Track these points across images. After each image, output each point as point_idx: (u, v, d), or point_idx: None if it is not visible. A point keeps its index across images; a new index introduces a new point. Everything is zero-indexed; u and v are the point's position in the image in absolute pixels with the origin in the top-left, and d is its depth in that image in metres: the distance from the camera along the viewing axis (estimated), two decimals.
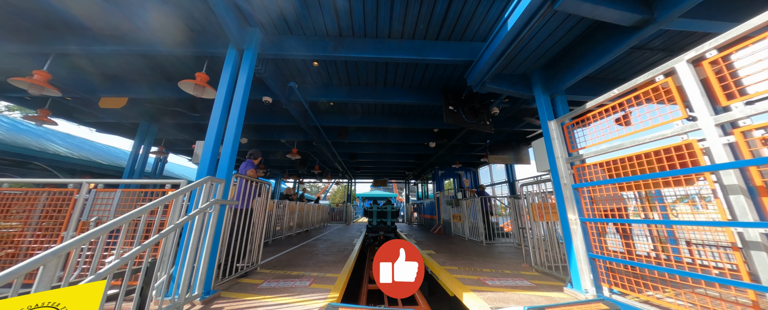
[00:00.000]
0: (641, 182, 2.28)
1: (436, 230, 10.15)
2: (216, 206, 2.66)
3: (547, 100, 3.49)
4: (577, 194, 2.84)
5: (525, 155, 8.04)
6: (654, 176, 2.11)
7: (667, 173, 2.04)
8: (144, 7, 3.20)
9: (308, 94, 5.08)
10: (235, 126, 3.08)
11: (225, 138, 3.04)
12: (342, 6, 3.23)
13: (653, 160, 2.21)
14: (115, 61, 4.41)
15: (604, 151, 2.61)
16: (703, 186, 2.03)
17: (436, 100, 5.18)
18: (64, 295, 0.93)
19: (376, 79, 4.91)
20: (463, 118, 4.45)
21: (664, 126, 2.16)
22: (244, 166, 3.69)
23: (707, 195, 2.13)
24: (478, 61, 3.56)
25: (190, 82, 3.65)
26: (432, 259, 4.73)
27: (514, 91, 3.68)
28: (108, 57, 4.29)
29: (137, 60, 4.30)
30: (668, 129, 2.11)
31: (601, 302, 1.84)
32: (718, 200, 1.83)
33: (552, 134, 3.26)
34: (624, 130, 2.44)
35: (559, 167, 3.13)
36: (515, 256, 5.06)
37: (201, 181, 2.47)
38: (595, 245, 2.67)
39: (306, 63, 4.11)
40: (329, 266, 4.01)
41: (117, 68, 4.66)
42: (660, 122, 2.19)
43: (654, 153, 2.19)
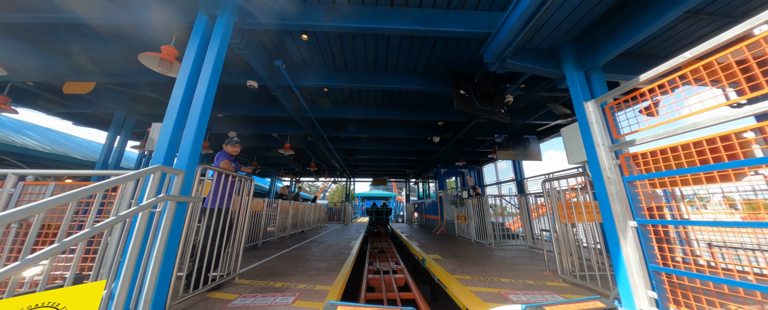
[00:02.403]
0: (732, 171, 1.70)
1: (439, 231, 9.58)
2: (171, 203, 2.08)
3: (582, 78, 2.91)
4: (631, 189, 2.26)
5: (535, 150, 7.46)
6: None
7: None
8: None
9: (298, 78, 4.49)
10: (202, 106, 2.49)
11: (188, 120, 2.45)
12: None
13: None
14: (74, 38, 3.81)
15: (672, 134, 2.02)
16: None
17: (444, 86, 4.60)
18: (64, 295, 0.92)
19: (375, 61, 4.32)
20: (475, 105, 3.87)
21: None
22: (218, 157, 3.10)
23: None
24: (498, 32, 2.98)
25: (155, 55, 3.06)
26: (439, 265, 4.15)
27: (540, 67, 3.10)
28: (61, 32, 3.69)
29: (94, 34, 3.69)
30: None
31: (599, 301, 1.43)
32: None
33: (590, 118, 2.68)
34: (703, 104, 1.86)
35: (601, 158, 2.55)
36: (531, 261, 4.48)
37: (145, 170, 1.88)
38: (659, 254, 2.09)
39: (294, 37, 3.52)
40: (321, 276, 3.43)
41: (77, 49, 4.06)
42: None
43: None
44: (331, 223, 14.78)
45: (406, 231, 10.59)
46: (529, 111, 5.95)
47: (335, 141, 8.73)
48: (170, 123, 2.41)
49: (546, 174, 8.51)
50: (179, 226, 2.24)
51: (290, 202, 8.25)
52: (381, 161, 12.23)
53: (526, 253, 5.35)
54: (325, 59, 4.28)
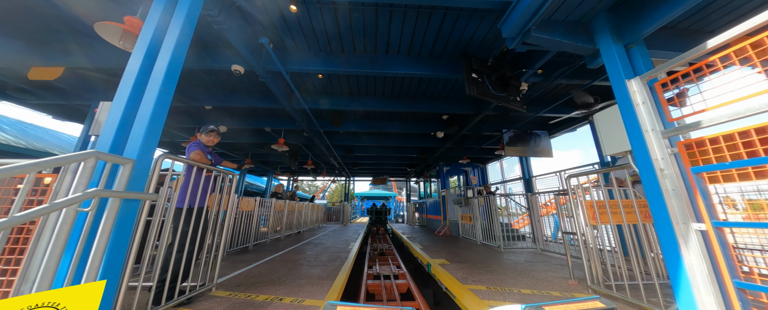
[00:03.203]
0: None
1: (442, 232, 9.12)
2: (115, 200, 1.62)
3: (621, 53, 2.45)
4: (701, 183, 1.80)
5: (545, 146, 6.99)
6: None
7: None
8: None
9: (290, 62, 4.02)
10: (163, 82, 2.02)
11: (144, 99, 1.99)
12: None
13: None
14: (32, 17, 3.35)
15: (756, 112, 1.56)
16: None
17: (451, 71, 4.14)
18: (64, 295, 0.91)
19: (376, 41, 3.84)
20: (489, 90, 3.40)
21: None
22: (189, 147, 2.63)
23: None
24: (519, 1, 2.52)
25: (116, 25, 2.59)
26: (446, 271, 3.69)
27: (569, 41, 2.64)
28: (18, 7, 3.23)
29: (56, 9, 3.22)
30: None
31: (598, 301, 1.30)
32: None
33: (634, 98, 2.22)
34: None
35: (651, 146, 2.09)
36: (548, 266, 4.03)
37: (70, 157, 1.42)
38: (740, 267, 1.63)
39: (280, 7, 3.05)
40: (312, 285, 2.96)
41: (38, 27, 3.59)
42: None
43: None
44: (330, 223, 14.32)
45: (408, 232, 10.13)
46: (542, 103, 5.48)
47: (333, 137, 8.27)
48: (122, 102, 1.95)
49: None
50: (127, 229, 1.77)
51: (285, 201, 7.79)
52: (381, 158, 11.76)
53: (538, 257, 4.89)
54: (319, 39, 3.80)
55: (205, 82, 5.15)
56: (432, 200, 12.58)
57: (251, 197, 5.86)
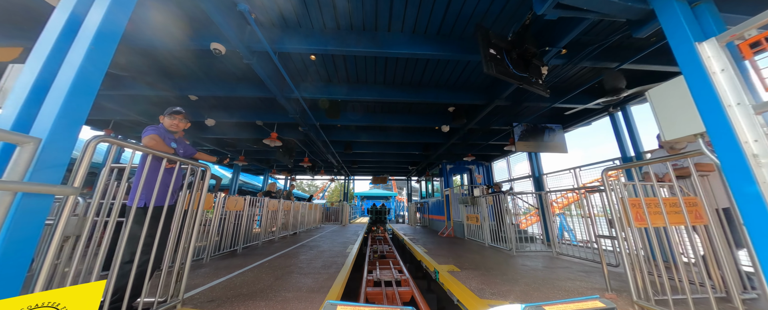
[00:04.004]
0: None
1: (446, 234, 8.63)
2: (7, 195, 1.12)
3: (686, 11, 1.94)
4: None
5: (559, 141, 6.49)
6: None
7: None
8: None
9: (277, 41, 3.52)
10: (93, 39, 1.53)
11: (64, 64, 1.49)
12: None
13: None
14: None
15: None
16: None
17: (462, 51, 3.64)
18: (64, 295, 0.89)
19: (376, 14, 3.34)
20: (509, 69, 2.90)
21: None
22: (145, 131, 2.12)
23: None
24: None
25: None
26: (457, 280, 3.19)
27: (617, 0, 2.14)
28: None
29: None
30: None
31: (598, 300, 1.13)
32: None
33: (709, 66, 1.72)
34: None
35: (737, 125, 1.59)
36: (572, 274, 3.53)
37: None
38: None
39: None
40: (301, 300, 2.47)
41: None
42: None
43: None
44: (329, 223, 13.83)
45: (409, 233, 9.64)
46: (560, 92, 4.97)
47: (330, 132, 7.77)
48: (37, 66, 1.45)
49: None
50: (34, 233, 1.27)
51: (280, 200, 7.29)
52: (381, 155, 11.26)
53: (555, 262, 4.40)
54: (310, 10, 3.29)
55: (190, 69, 4.64)
56: (434, 199, 12.09)
57: (241, 197, 5.36)
